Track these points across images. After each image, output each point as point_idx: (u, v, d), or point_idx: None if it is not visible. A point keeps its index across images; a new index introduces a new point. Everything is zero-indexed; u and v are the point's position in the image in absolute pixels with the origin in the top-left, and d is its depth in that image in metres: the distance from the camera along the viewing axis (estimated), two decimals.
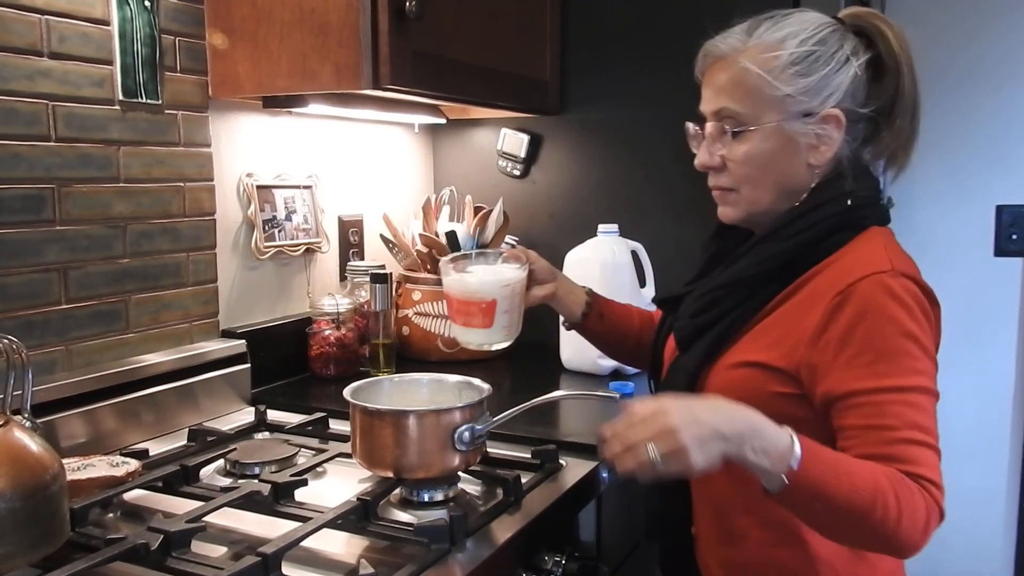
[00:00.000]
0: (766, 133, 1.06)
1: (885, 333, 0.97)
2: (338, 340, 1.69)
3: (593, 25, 1.95)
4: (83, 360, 1.33)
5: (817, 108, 1.05)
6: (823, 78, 1.04)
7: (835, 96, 1.05)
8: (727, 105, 1.07)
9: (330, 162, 1.84)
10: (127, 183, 1.39)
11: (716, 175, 1.12)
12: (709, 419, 0.89)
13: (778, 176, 1.08)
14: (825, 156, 1.06)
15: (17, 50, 1.22)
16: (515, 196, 2.04)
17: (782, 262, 1.06)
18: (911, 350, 0.97)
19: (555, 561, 1.14)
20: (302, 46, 1.41)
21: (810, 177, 1.08)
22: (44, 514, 0.84)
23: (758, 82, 1.05)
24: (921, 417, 0.96)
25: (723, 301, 1.09)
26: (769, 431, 0.90)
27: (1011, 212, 2.45)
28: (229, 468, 1.23)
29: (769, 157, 1.07)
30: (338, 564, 0.97)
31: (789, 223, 1.07)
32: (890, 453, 0.93)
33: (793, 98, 1.04)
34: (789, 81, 1.04)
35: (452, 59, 1.55)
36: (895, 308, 0.97)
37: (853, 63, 1.06)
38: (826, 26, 1.07)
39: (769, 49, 1.05)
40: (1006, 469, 2.52)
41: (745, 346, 1.07)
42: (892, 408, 0.95)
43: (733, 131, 1.07)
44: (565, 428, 1.42)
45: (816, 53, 1.04)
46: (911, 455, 0.94)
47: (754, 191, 1.09)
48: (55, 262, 1.28)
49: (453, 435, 1.11)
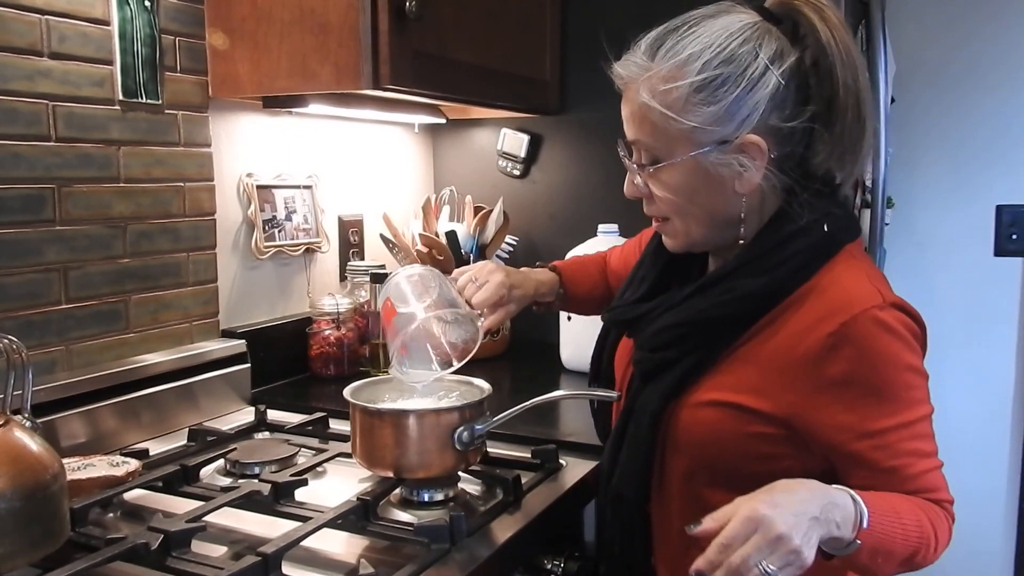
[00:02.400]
0: (682, 167, 0.98)
1: (887, 372, 0.93)
2: (338, 340, 1.69)
3: (593, 25, 1.94)
4: (83, 360, 1.33)
5: (731, 135, 0.95)
6: (734, 102, 0.94)
7: (752, 119, 0.94)
8: (639, 138, 1.01)
9: (330, 162, 1.84)
10: (127, 183, 1.39)
11: (647, 204, 1.06)
12: (802, 509, 0.83)
13: (705, 208, 1.00)
14: (750, 184, 0.97)
15: (17, 50, 1.22)
16: (515, 196, 2.04)
17: (757, 302, 0.98)
18: (911, 381, 0.95)
19: (555, 561, 1.14)
20: (302, 46, 1.41)
21: (741, 206, 0.99)
22: (44, 514, 0.84)
23: (661, 119, 0.96)
24: (928, 444, 0.96)
25: (688, 339, 1.01)
26: (838, 497, 0.87)
27: (1011, 212, 2.45)
28: (229, 468, 1.23)
29: (691, 190, 0.99)
30: (338, 564, 0.97)
31: (760, 256, 0.99)
32: (913, 488, 0.94)
33: (703, 129, 0.95)
34: (694, 112, 0.95)
35: (452, 59, 1.55)
36: (894, 344, 0.93)
37: (772, 74, 0.94)
38: (737, 34, 0.95)
39: (669, 79, 0.95)
40: (1006, 469, 2.52)
41: (715, 383, 1.00)
42: (905, 446, 0.94)
43: (650, 166, 1.01)
44: (565, 428, 1.42)
45: (722, 76, 0.94)
46: (929, 483, 0.95)
47: (685, 223, 1.03)
48: (55, 262, 1.29)
49: (453, 435, 1.10)
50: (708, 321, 1.00)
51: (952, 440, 2.59)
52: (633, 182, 1.05)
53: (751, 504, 0.83)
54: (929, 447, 0.96)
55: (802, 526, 0.82)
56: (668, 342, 1.03)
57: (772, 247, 0.99)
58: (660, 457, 1.06)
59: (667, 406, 1.03)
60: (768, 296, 0.98)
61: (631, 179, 1.06)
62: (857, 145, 0.98)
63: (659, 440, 1.05)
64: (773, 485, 0.87)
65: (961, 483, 2.97)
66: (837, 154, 0.98)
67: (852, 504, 0.87)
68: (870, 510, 0.87)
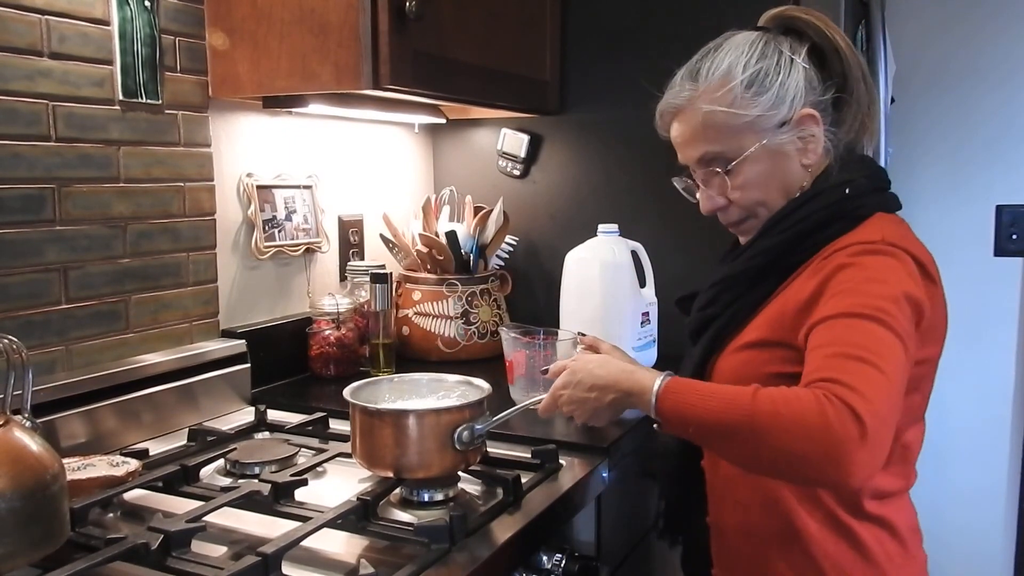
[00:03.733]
0: (754, 157, 1.11)
1: (855, 276, 0.99)
2: (338, 340, 1.69)
3: (593, 25, 1.95)
4: (83, 360, 1.33)
5: (788, 115, 1.10)
6: (780, 87, 1.09)
7: (799, 97, 1.10)
8: (707, 150, 1.12)
9: (330, 162, 1.84)
10: (127, 183, 1.39)
11: (724, 213, 1.17)
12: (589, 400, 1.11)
13: (779, 188, 1.13)
14: (816, 153, 1.11)
15: (17, 50, 1.22)
16: (515, 196, 2.04)
17: (774, 256, 1.10)
18: (878, 290, 0.96)
19: (555, 561, 1.14)
20: (302, 46, 1.41)
21: (806, 177, 1.13)
22: (44, 514, 0.84)
23: (725, 118, 1.10)
24: (865, 338, 0.92)
25: (723, 295, 1.15)
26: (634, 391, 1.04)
27: (1011, 212, 2.45)
28: (229, 468, 1.23)
29: (766, 176, 1.12)
30: (338, 564, 0.97)
31: (783, 218, 1.11)
32: (820, 368, 0.91)
33: (763, 116, 1.09)
34: (752, 103, 1.09)
35: (452, 59, 1.55)
36: (871, 259, 1.00)
37: (797, 61, 1.10)
38: (757, 41, 1.12)
39: (721, 85, 1.10)
40: (1006, 469, 2.52)
41: (747, 333, 1.11)
42: (836, 330, 0.95)
43: (724, 170, 1.12)
44: (565, 428, 1.42)
45: (763, 68, 1.09)
46: (835, 367, 0.90)
47: (768, 209, 1.13)
48: (55, 262, 1.29)
49: (453, 435, 1.11)
50: (735, 276, 1.14)
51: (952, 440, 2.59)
52: (708, 196, 1.16)
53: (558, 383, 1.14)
54: (864, 340, 0.92)
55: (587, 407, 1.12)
56: (709, 300, 1.17)
57: (791, 210, 1.10)
58: None
59: (709, 358, 1.14)
60: (783, 252, 1.09)
61: (705, 195, 1.17)
62: (872, 108, 1.14)
63: None
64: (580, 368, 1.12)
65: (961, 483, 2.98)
66: (860, 118, 1.14)
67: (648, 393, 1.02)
68: (668, 390, 1.00)
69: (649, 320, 1.77)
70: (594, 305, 1.71)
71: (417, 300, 1.85)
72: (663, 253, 1.84)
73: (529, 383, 1.48)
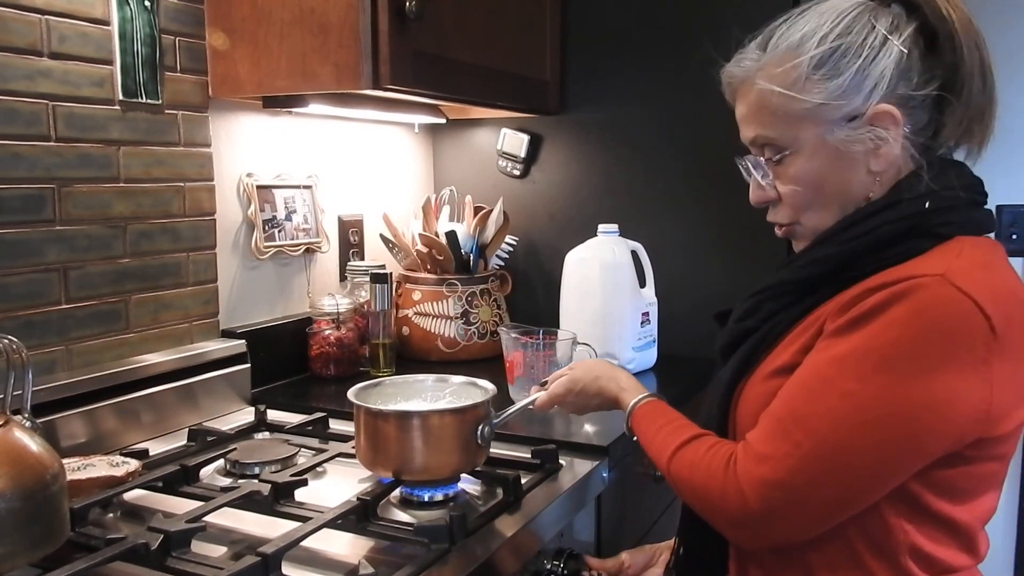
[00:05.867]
0: (810, 151, 0.94)
1: (874, 336, 0.83)
2: (338, 340, 1.69)
3: (593, 25, 1.95)
4: (83, 360, 1.33)
5: (861, 108, 0.91)
6: (858, 72, 0.90)
7: (880, 88, 0.90)
8: (759, 133, 0.97)
9: (330, 162, 1.84)
10: (127, 183, 1.39)
11: (773, 210, 1.01)
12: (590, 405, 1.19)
13: (837, 194, 0.95)
14: (888, 159, 0.92)
15: (17, 50, 1.22)
16: (515, 196, 2.04)
17: (830, 267, 0.93)
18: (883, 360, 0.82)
19: (555, 561, 1.14)
20: (302, 46, 1.41)
21: (873, 186, 0.94)
22: (44, 514, 0.84)
23: (782, 101, 0.93)
24: (812, 409, 0.85)
25: (764, 305, 0.99)
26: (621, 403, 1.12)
27: (1011, 212, 2.45)
28: (229, 468, 1.23)
29: (821, 176, 0.94)
30: (338, 564, 0.97)
31: (848, 226, 0.93)
32: (761, 434, 0.89)
33: (828, 105, 0.91)
34: (817, 89, 0.91)
35: (452, 59, 1.55)
36: (910, 327, 0.82)
37: (894, 42, 0.90)
38: (850, 10, 0.93)
39: (786, 60, 0.93)
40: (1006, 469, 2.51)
41: (779, 352, 0.96)
42: (803, 403, 0.86)
43: (775, 159, 0.96)
44: (565, 428, 1.42)
45: (842, 47, 0.90)
46: (771, 439, 0.87)
47: (817, 215, 0.97)
48: (55, 262, 1.28)
49: (476, 432, 1.12)
50: (780, 285, 0.98)
51: None
52: (759, 185, 1.00)
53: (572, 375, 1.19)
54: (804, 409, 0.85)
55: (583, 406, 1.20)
56: (748, 310, 1.02)
57: (858, 219, 0.93)
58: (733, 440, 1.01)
59: (739, 381, 0.99)
60: (840, 265, 0.92)
61: (755, 183, 1.00)
62: (985, 114, 0.95)
63: (730, 423, 1.00)
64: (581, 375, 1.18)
65: None
66: (965, 123, 0.94)
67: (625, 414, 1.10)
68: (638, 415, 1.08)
69: (649, 320, 1.77)
70: (594, 305, 1.71)
71: (417, 300, 1.85)
72: (663, 253, 1.84)
73: (529, 383, 1.48)
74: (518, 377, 1.50)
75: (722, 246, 1.85)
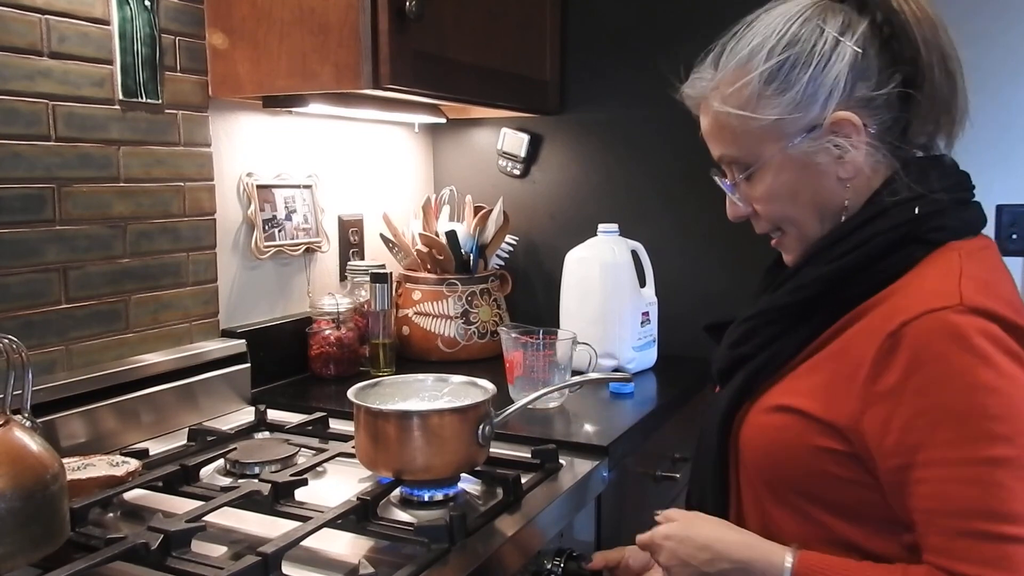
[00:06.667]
0: (776, 167, 0.92)
1: (949, 388, 0.79)
2: (338, 340, 1.69)
3: (593, 25, 1.95)
4: (83, 360, 1.33)
5: (819, 118, 0.89)
6: (810, 82, 0.88)
7: (836, 94, 0.88)
8: (723, 152, 0.97)
9: (330, 162, 1.84)
10: (127, 183, 1.39)
11: (755, 222, 1.00)
12: (694, 560, 0.92)
13: (811, 204, 0.94)
14: (854, 165, 0.91)
15: (17, 50, 1.22)
16: (515, 196, 2.04)
17: (823, 288, 0.91)
18: (988, 408, 0.78)
19: (555, 561, 1.14)
20: (302, 46, 1.41)
21: (845, 192, 0.92)
22: (44, 514, 0.84)
23: (739, 121, 0.92)
24: (996, 501, 0.77)
25: (761, 331, 0.96)
26: (757, 565, 0.87)
27: (1011, 212, 2.45)
28: (229, 468, 1.23)
29: (791, 189, 0.93)
30: (338, 564, 0.97)
31: (836, 242, 0.91)
32: (952, 548, 0.78)
33: (784, 120, 0.90)
34: (771, 104, 0.90)
35: (452, 59, 1.55)
36: (962, 357, 0.78)
37: (846, 44, 0.88)
38: (796, 17, 0.91)
39: (737, 77, 0.91)
40: None
41: (787, 386, 0.92)
42: (956, 489, 0.78)
43: (743, 176, 0.96)
44: (565, 428, 1.42)
45: (790, 58, 0.89)
46: (967, 552, 0.77)
47: (799, 228, 0.96)
48: (55, 262, 1.28)
49: (477, 431, 1.11)
50: (775, 311, 0.95)
51: None
52: (733, 202, 0.99)
53: (673, 527, 0.95)
54: (998, 506, 0.76)
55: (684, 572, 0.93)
56: (743, 336, 0.98)
57: (848, 232, 0.91)
58: (734, 474, 0.99)
59: (737, 409, 0.96)
60: (836, 284, 0.90)
61: (730, 200, 1.00)
62: (950, 103, 0.92)
63: (731, 452, 0.98)
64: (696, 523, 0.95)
65: None
66: (932, 116, 0.92)
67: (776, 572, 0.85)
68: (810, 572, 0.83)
69: (649, 320, 1.77)
70: (594, 305, 1.71)
71: (417, 300, 1.85)
72: (663, 253, 1.84)
73: (529, 383, 1.48)
74: (518, 377, 1.50)
75: (722, 246, 1.85)
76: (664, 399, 1.61)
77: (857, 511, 0.87)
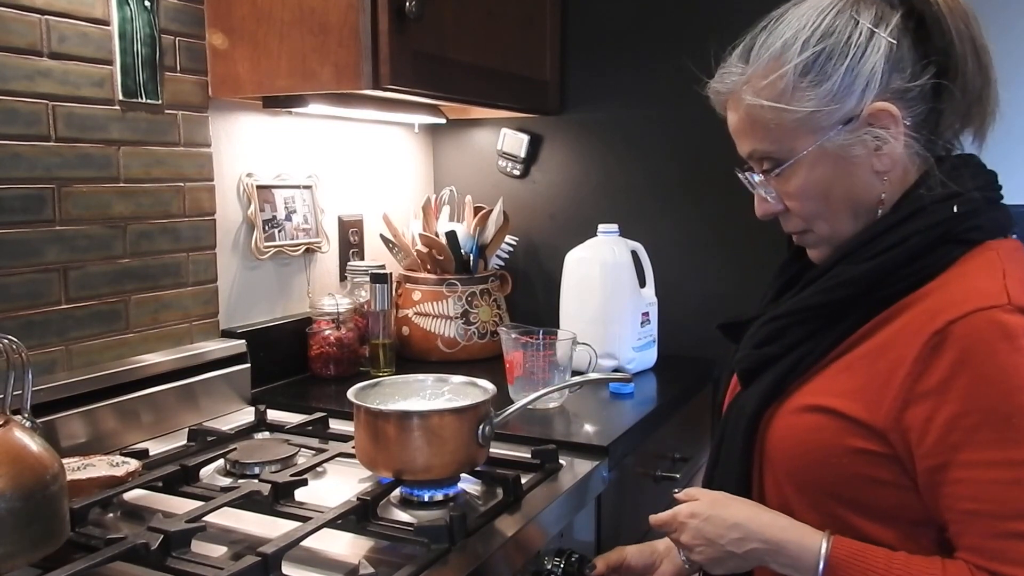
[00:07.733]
0: (809, 161, 0.90)
1: (997, 388, 0.78)
2: (338, 340, 1.69)
3: (593, 25, 1.95)
4: (83, 360, 1.33)
5: (856, 109, 0.88)
6: (847, 73, 0.87)
7: (873, 86, 0.87)
8: (755, 147, 0.94)
9: (330, 162, 1.84)
10: (127, 183, 1.39)
11: (784, 220, 0.98)
12: (722, 539, 0.90)
13: (845, 199, 0.92)
14: (892, 158, 0.89)
15: (17, 50, 1.22)
16: (515, 196, 2.04)
17: (862, 288, 0.89)
18: None
19: (555, 561, 1.14)
20: (302, 46, 1.41)
21: (882, 186, 0.91)
22: (44, 514, 0.84)
23: (773, 114, 0.90)
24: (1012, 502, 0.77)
25: (791, 331, 0.93)
26: (790, 547, 0.86)
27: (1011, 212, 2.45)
28: (229, 468, 1.23)
29: (825, 185, 0.91)
30: (338, 564, 0.97)
31: (872, 240, 0.89)
32: (991, 548, 0.78)
33: (821, 112, 0.88)
34: (806, 97, 0.88)
35: (452, 59, 1.55)
36: (1010, 355, 0.77)
37: (881, 35, 0.87)
38: (829, 9, 0.90)
39: (770, 71, 0.90)
40: None
41: (818, 386, 0.90)
42: (1001, 490, 0.77)
43: (775, 172, 0.93)
44: (565, 428, 1.42)
45: (826, 50, 0.88)
46: (1007, 552, 0.77)
47: (829, 224, 0.94)
48: (55, 262, 1.28)
49: (476, 431, 1.11)
50: (808, 310, 0.93)
51: None
52: (763, 199, 0.97)
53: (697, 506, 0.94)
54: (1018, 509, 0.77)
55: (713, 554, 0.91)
56: (770, 335, 0.95)
57: (884, 229, 0.89)
58: (758, 475, 0.96)
59: (765, 410, 0.94)
60: (874, 284, 0.88)
61: (759, 198, 0.97)
62: (982, 94, 0.92)
63: (756, 454, 0.96)
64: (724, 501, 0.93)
65: None
66: (964, 107, 0.91)
67: (814, 561, 0.84)
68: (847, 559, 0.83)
69: (649, 320, 1.77)
70: (594, 305, 1.71)
71: (417, 300, 1.85)
72: (663, 253, 1.84)
73: (529, 383, 1.48)
74: (518, 377, 1.50)
75: (722, 246, 1.85)
76: (664, 399, 1.61)
77: (889, 513, 0.87)
